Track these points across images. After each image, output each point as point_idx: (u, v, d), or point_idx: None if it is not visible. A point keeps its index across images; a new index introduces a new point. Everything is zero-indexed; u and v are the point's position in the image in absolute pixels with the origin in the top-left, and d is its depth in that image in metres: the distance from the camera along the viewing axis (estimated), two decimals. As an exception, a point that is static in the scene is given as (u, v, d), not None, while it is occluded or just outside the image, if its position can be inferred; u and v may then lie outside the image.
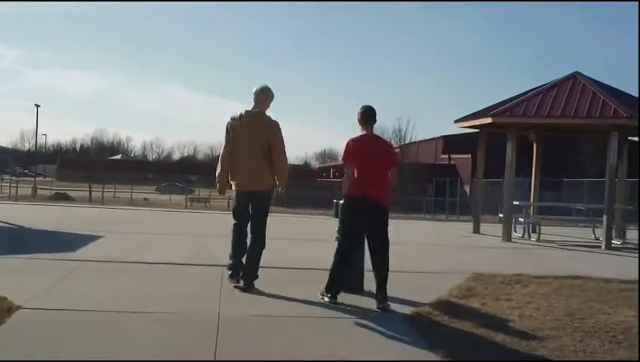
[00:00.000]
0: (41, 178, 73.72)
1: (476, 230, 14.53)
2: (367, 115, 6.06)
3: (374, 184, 5.88)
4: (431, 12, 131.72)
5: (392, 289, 5.95)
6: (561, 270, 8.75)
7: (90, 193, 39.53)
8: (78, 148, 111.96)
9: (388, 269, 5.96)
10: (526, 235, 13.69)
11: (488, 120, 12.90)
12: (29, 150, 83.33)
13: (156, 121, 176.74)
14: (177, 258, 8.23)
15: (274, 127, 6.39)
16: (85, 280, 6.57)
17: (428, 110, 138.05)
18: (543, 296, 6.85)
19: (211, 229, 12.55)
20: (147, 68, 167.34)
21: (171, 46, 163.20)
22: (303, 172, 74.33)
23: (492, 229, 14.99)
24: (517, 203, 13.59)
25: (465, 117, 14.40)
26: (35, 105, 60.16)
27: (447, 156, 61.23)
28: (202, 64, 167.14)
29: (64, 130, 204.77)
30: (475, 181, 15.50)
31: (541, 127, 13.91)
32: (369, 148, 5.97)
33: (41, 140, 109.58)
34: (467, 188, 49.49)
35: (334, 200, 6.97)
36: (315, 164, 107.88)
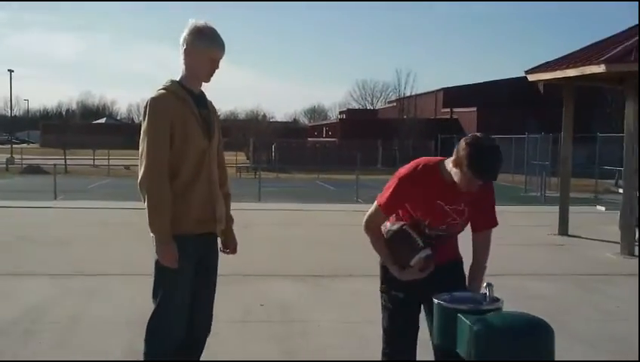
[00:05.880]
0: (25, 145, 69.71)
1: (563, 230, 10.11)
2: None
3: None
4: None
5: None
6: None
7: (65, 164, 35.05)
8: (63, 113, 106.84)
9: None
10: (642, 237, 9.32)
11: (598, 68, 8.35)
12: (13, 115, 78.75)
13: (145, 82, 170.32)
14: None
15: None
16: None
17: (427, 64, 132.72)
18: None
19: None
20: (136, 28, 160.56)
21: (161, 5, 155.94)
22: (293, 131, 69.20)
23: (574, 221, 10.49)
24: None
25: (545, 65, 9.89)
26: (9, 70, 56.58)
27: (448, 110, 56.45)
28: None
29: (49, 95, 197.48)
30: (563, 158, 10.82)
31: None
32: None
33: (24, 105, 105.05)
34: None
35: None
36: (305, 120, 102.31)
